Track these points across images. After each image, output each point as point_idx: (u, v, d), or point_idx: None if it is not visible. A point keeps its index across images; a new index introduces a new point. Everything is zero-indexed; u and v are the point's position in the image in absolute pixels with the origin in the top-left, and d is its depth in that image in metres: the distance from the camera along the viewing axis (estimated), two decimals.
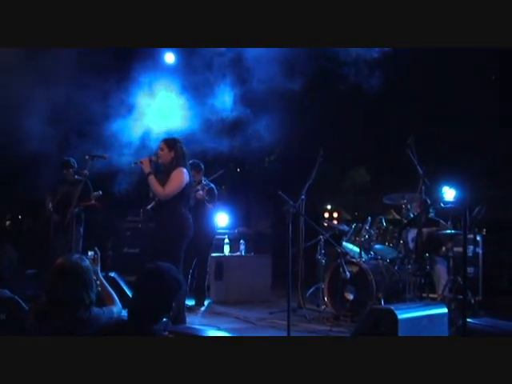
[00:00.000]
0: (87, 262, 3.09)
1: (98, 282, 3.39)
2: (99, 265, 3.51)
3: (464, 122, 8.59)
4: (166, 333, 3.32)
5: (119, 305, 3.39)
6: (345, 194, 13.68)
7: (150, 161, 5.26)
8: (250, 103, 7.96)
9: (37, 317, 2.95)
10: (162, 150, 5.29)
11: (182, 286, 2.70)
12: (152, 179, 5.17)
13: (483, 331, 3.67)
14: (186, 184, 5.27)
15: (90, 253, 3.53)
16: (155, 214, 5.50)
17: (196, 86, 7.52)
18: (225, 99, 7.62)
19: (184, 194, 5.26)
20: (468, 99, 8.73)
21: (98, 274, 3.43)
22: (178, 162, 5.24)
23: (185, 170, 5.26)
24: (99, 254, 3.53)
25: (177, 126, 7.28)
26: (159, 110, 7.21)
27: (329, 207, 12.02)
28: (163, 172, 5.26)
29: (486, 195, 6.91)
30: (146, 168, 5.20)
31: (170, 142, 5.31)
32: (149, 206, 5.69)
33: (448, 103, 8.77)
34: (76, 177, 6.84)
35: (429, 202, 6.43)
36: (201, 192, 6.93)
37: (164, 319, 3.30)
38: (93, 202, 6.81)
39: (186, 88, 7.45)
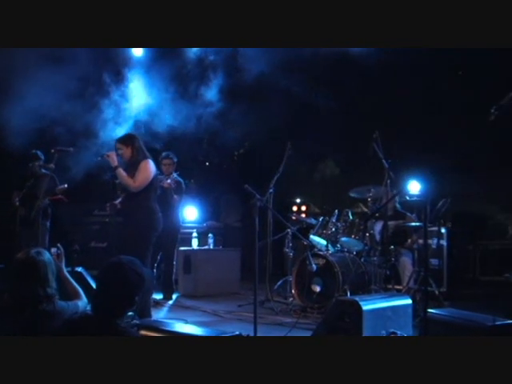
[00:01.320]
0: (45, 257, 3.08)
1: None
2: (63, 260, 3.50)
3: (430, 117, 8.73)
4: (135, 328, 3.33)
5: (85, 299, 3.39)
6: (314, 187, 13.78)
7: (117, 155, 5.22)
8: (219, 97, 7.96)
9: (0, 311, 2.95)
10: (119, 149, 5.27)
11: (144, 280, 2.70)
12: (120, 172, 5.13)
13: (445, 322, 3.75)
14: (154, 175, 5.26)
15: (53, 249, 3.50)
16: (123, 208, 5.45)
17: (165, 79, 7.48)
18: (194, 93, 7.61)
19: (152, 186, 5.26)
20: (434, 94, 8.88)
21: (62, 269, 3.43)
22: (139, 155, 5.23)
23: (151, 161, 5.25)
24: (62, 249, 3.52)
25: (145, 120, 7.26)
26: (126, 102, 7.15)
27: (298, 201, 12.09)
28: (126, 169, 5.22)
29: (451, 188, 7.05)
30: (113, 161, 5.16)
31: (124, 140, 5.30)
32: (117, 201, 5.64)
33: (414, 98, 8.91)
34: (43, 170, 6.75)
35: (396, 195, 6.52)
36: (168, 181, 6.89)
37: (129, 313, 3.30)
38: (59, 196, 6.74)
39: (155, 81, 7.40)
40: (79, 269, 6.03)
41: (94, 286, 5.51)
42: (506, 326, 3.51)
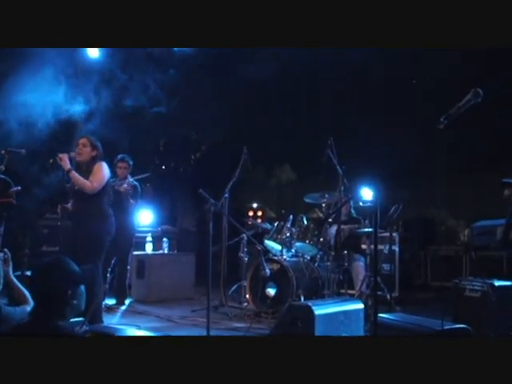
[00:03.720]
0: None
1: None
2: (10, 265, 3.43)
3: (383, 123, 8.90)
4: (85, 329, 3.28)
5: (33, 304, 3.32)
6: (270, 192, 13.87)
7: (69, 157, 5.11)
8: (175, 101, 7.93)
9: None
10: (84, 146, 5.14)
11: (79, 280, 2.66)
12: (74, 175, 5.00)
13: (394, 326, 3.82)
14: (108, 178, 5.20)
15: None
16: (75, 211, 5.34)
17: (117, 81, 7.39)
18: (149, 96, 7.55)
19: (105, 189, 5.17)
20: (388, 102, 9.06)
21: (9, 273, 3.37)
22: (98, 157, 5.16)
23: (105, 164, 5.18)
24: (9, 254, 3.44)
25: (99, 122, 7.16)
26: (74, 104, 7.03)
27: (254, 205, 12.14)
28: (78, 170, 5.11)
29: (403, 195, 7.19)
30: (66, 164, 5.04)
31: (94, 141, 5.20)
32: (69, 204, 5.52)
33: (369, 105, 9.06)
34: None
35: (346, 200, 6.60)
36: (125, 185, 6.81)
37: (78, 319, 3.25)
38: (9, 198, 6.56)
39: (108, 84, 7.31)
40: (29, 273, 5.90)
41: None
42: (454, 330, 3.60)
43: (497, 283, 5.36)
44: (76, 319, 3.39)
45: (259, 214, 11.32)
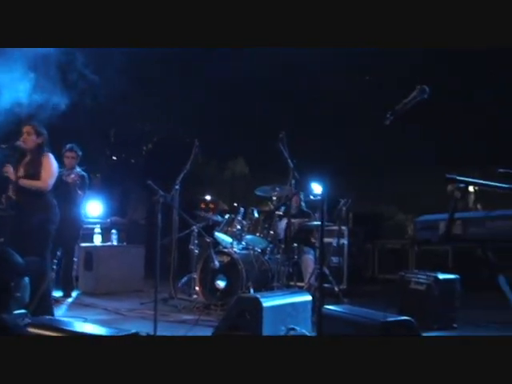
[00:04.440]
0: None
1: None
2: None
3: (333, 120, 9.01)
4: (27, 321, 3.20)
5: None
6: (224, 185, 13.86)
7: (15, 146, 4.99)
8: (123, 93, 7.81)
9: None
10: (29, 134, 5.05)
11: (23, 272, 2.61)
12: (24, 182, 4.96)
13: (339, 318, 3.88)
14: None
15: None
16: (19, 201, 5.20)
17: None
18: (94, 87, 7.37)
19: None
20: (339, 98, 9.17)
21: None
22: (43, 147, 5.06)
23: (52, 156, 5.10)
24: None
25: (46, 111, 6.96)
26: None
27: (208, 198, 12.10)
28: (22, 156, 5.01)
29: (352, 189, 7.31)
30: (13, 176, 4.96)
31: (40, 129, 5.09)
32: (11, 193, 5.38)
33: (320, 102, 9.16)
34: None
35: (295, 193, 6.65)
36: (73, 176, 6.67)
37: (21, 311, 3.18)
38: None
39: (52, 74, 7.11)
40: None
41: None
42: (396, 322, 3.68)
43: (441, 276, 5.52)
44: (19, 311, 3.33)
45: (211, 206, 11.29)
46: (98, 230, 7.79)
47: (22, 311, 3.23)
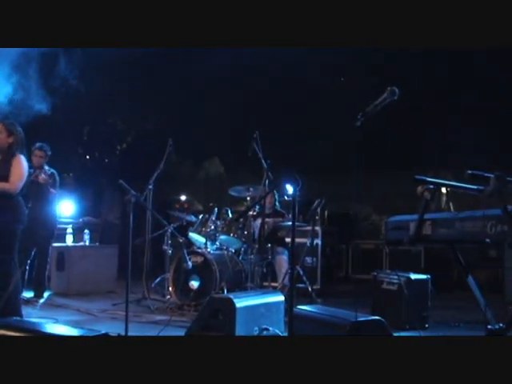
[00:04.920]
0: None
1: None
2: None
3: (308, 119, 9.04)
4: None
5: None
6: (198, 185, 13.81)
7: None
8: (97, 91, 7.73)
9: None
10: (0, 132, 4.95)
11: None
12: None
13: (311, 318, 3.90)
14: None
15: None
16: None
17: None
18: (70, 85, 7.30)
19: None
20: (314, 98, 9.21)
21: None
22: (16, 148, 4.94)
23: (23, 157, 4.99)
24: None
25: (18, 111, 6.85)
26: None
27: (183, 198, 12.04)
28: None
29: (326, 189, 7.35)
30: None
31: (11, 127, 4.97)
32: None
33: (295, 102, 9.19)
34: None
35: (268, 193, 6.64)
36: (43, 175, 6.56)
37: None
38: None
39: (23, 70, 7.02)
40: None
41: None
42: (367, 322, 3.70)
43: (413, 277, 5.57)
44: None
45: (186, 206, 11.24)
46: (69, 230, 7.69)
47: None
